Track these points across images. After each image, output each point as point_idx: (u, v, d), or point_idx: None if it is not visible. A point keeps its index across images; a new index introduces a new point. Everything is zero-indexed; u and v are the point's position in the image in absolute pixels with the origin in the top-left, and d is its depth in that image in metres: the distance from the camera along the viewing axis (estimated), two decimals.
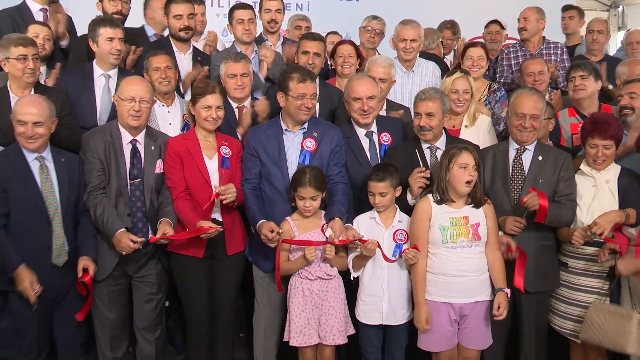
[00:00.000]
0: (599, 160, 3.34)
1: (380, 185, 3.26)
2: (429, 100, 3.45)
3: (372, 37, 4.95)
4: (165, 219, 3.36)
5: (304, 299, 3.32)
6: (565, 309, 3.46)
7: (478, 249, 3.24)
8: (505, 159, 3.50)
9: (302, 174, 3.28)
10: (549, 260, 3.47)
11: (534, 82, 4.23)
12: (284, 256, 3.34)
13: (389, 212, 3.35)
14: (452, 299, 3.22)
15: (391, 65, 4.00)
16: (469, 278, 3.21)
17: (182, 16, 4.23)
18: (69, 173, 3.28)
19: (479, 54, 4.33)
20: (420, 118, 3.46)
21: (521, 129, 3.42)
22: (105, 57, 3.87)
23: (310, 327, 3.31)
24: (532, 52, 5.09)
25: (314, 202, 3.28)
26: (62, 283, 3.26)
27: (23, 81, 3.58)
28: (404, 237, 3.29)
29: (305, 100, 3.37)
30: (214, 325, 3.58)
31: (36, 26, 4.10)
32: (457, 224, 3.20)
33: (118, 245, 3.24)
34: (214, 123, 3.43)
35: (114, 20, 3.99)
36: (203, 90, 3.42)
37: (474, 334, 3.26)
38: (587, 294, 3.38)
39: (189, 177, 3.42)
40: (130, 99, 3.33)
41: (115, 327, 3.49)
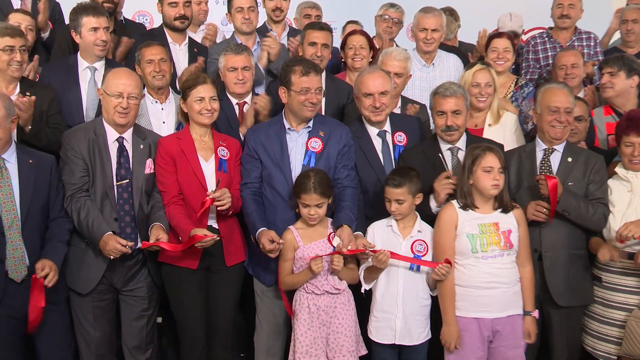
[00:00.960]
0: (635, 160, 3.28)
1: (397, 192, 3.18)
2: (454, 96, 3.40)
3: (390, 27, 4.88)
4: (158, 223, 3.29)
5: (310, 315, 3.24)
6: (598, 329, 3.39)
7: (510, 257, 3.19)
8: (531, 161, 3.46)
9: (305, 178, 3.22)
10: (582, 272, 3.42)
11: (566, 75, 4.16)
12: (288, 268, 3.29)
13: (408, 221, 3.27)
14: (483, 314, 3.16)
15: (407, 59, 3.96)
16: (502, 290, 3.15)
17: (177, 4, 4.18)
18: (35, 176, 3.15)
19: (504, 45, 4.26)
20: (446, 117, 3.40)
21: (555, 124, 3.38)
22: (89, 49, 3.82)
23: (318, 346, 3.24)
24: (563, 43, 4.93)
25: (319, 210, 3.22)
26: (26, 301, 3.10)
27: (8, 74, 3.51)
28: (424, 249, 3.22)
29: (310, 95, 3.32)
30: (211, 344, 3.48)
31: (18, 15, 4.11)
32: (487, 231, 3.15)
33: (105, 248, 3.14)
34: (210, 116, 3.36)
35: (98, 7, 3.93)
36: (193, 82, 3.35)
37: (507, 352, 3.19)
38: (624, 312, 3.30)
39: (182, 181, 3.34)
40: (118, 95, 3.25)
41: (102, 346, 3.39)
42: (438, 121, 3.45)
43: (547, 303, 3.35)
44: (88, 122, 3.49)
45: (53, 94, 3.67)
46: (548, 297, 3.33)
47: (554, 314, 3.39)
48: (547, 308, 3.38)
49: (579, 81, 4.22)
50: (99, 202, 3.26)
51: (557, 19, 4.94)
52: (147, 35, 4.34)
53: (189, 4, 4.26)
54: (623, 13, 5.09)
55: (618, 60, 3.95)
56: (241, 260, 3.49)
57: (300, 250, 3.24)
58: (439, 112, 3.43)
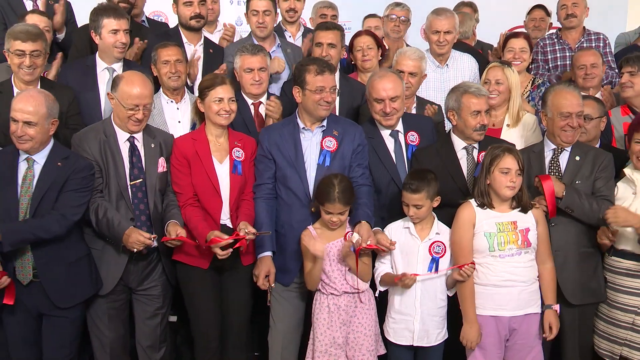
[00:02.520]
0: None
1: (415, 197, 3.20)
2: (485, 96, 3.45)
3: (397, 26, 4.86)
4: (174, 220, 3.30)
5: (330, 315, 3.27)
6: (604, 328, 3.43)
7: (528, 256, 3.20)
8: (540, 161, 3.47)
9: (329, 187, 3.19)
10: (592, 269, 3.43)
11: (586, 75, 4.16)
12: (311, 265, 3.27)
13: (426, 223, 3.29)
14: (500, 312, 3.19)
15: (422, 58, 3.96)
16: (519, 288, 3.18)
17: (192, 3, 4.20)
18: (55, 179, 3.13)
19: (521, 45, 4.29)
20: (481, 116, 3.41)
21: (567, 129, 3.38)
22: (108, 51, 3.83)
23: (337, 346, 3.26)
24: (572, 45, 4.93)
25: (341, 217, 3.24)
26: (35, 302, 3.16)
27: (21, 78, 3.56)
28: (442, 251, 3.23)
29: (324, 94, 3.32)
30: (225, 343, 3.51)
31: (34, 16, 4.12)
32: (504, 229, 3.17)
33: (128, 242, 3.16)
34: (228, 117, 3.35)
35: (119, 9, 3.94)
36: (212, 82, 3.34)
37: (523, 350, 3.23)
38: (625, 313, 3.33)
39: (196, 183, 3.36)
40: (133, 107, 3.25)
41: (116, 346, 3.42)
42: (471, 121, 3.41)
43: (560, 302, 3.33)
44: (97, 123, 3.47)
45: (72, 95, 3.68)
46: (560, 296, 3.32)
47: (565, 313, 3.38)
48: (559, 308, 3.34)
49: (598, 81, 4.22)
50: (115, 203, 3.28)
51: (564, 20, 4.95)
52: (163, 35, 4.33)
53: (204, 2, 4.27)
54: None
55: (638, 59, 3.92)
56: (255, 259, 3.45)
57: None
58: (475, 111, 3.40)
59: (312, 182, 3.37)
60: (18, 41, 3.50)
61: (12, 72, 3.66)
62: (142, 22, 4.73)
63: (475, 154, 3.48)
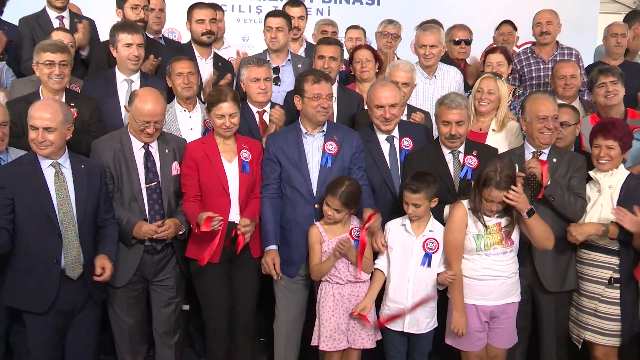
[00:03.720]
0: (601, 160, 3.31)
1: (415, 197, 3.19)
2: (458, 108, 3.42)
3: (389, 42, 4.88)
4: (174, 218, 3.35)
5: (335, 303, 3.27)
6: (574, 314, 3.46)
7: (512, 254, 3.23)
8: (521, 162, 3.44)
9: (338, 184, 3.22)
10: (567, 260, 3.43)
11: (565, 85, 4.14)
12: (316, 259, 3.28)
13: (422, 220, 3.27)
14: (482, 302, 3.22)
15: (413, 70, 3.97)
16: (500, 281, 3.20)
17: (204, 20, 4.19)
18: (88, 181, 3.11)
19: (497, 59, 4.28)
20: (451, 127, 3.42)
21: (544, 131, 3.40)
22: (124, 63, 3.85)
23: (340, 331, 3.27)
24: (545, 58, 4.89)
25: (336, 214, 3.22)
26: (77, 297, 3.09)
27: (49, 87, 3.56)
28: (435, 247, 3.21)
29: (321, 100, 3.33)
30: (234, 330, 3.51)
31: (60, 33, 4.11)
32: (490, 231, 3.19)
33: (139, 234, 3.20)
34: (228, 131, 3.36)
35: (134, 25, 3.94)
36: (216, 98, 3.34)
37: (503, 334, 3.26)
38: (589, 300, 3.36)
39: (206, 182, 3.36)
40: (145, 123, 3.25)
41: (135, 332, 3.43)
42: (443, 129, 3.46)
43: (537, 289, 3.38)
44: (115, 132, 3.46)
45: (95, 104, 3.71)
46: (538, 284, 3.36)
47: (543, 300, 3.42)
48: (537, 294, 3.41)
49: (575, 91, 4.18)
50: (128, 205, 3.29)
51: (538, 36, 4.90)
52: (177, 50, 4.33)
53: (215, 20, 4.26)
54: (611, 28, 5.03)
55: (616, 70, 3.93)
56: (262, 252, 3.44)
57: (325, 244, 3.25)
58: (445, 121, 3.43)
59: (314, 181, 3.37)
60: (48, 53, 3.52)
61: (39, 85, 3.66)
62: (159, 39, 4.73)
63: (460, 158, 3.48)
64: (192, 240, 3.39)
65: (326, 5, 6.83)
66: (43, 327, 3.02)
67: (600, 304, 3.30)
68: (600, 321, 3.30)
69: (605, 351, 3.33)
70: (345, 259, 3.26)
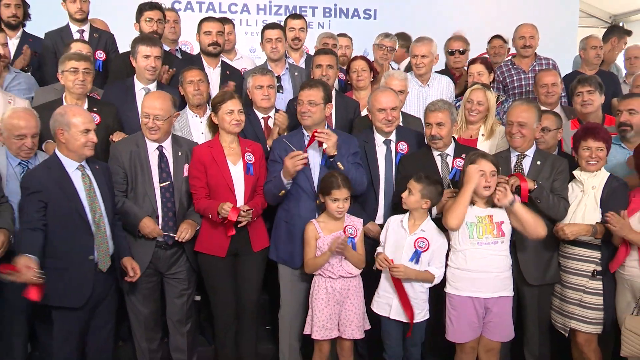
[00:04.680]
0: (592, 161, 3.30)
1: (413, 183, 3.19)
2: (438, 111, 3.43)
3: (385, 54, 4.90)
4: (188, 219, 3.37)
5: (327, 296, 3.26)
6: (559, 305, 3.45)
7: (503, 245, 3.20)
8: (507, 164, 3.46)
9: (332, 178, 3.22)
10: (549, 256, 3.43)
11: (548, 93, 4.13)
12: (311, 253, 3.28)
13: (418, 220, 3.25)
14: (477, 294, 3.19)
15: (406, 78, 3.99)
16: (494, 274, 3.18)
17: (211, 32, 4.21)
18: (105, 179, 3.14)
19: (478, 70, 4.26)
20: (432, 128, 3.45)
21: (510, 135, 3.44)
22: (142, 73, 3.87)
23: (332, 322, 3.27)
24: (525, 69, 4.89)
25: (346, 204, 3.22)
26: (104, 288, 3.10)
27: (73, 92, 3.60)
28: (425, 246, 3.18)
29: (303, 105, 3.38)
30: (240, 319, 3.52)
31: (78, 44, 4.13)
32: (482, 221, 3.17)
33: (144, 230, 3.21)
34: (238, 124, 3.37)
35: (153, 38, 3.95)
36: (222, 98, 3.37)
37: (497, 327, 3.23)
38: (574, 292, 3.36)
39: (213, 183, 3.36)
40: (145, 115, 3.28)
41: (150, 321, 3.45)
42: (427, 131, 3.50)
43: (521, 282, 3.38)
44: (132, 135, 3.47)
45: (115, 110, 3.74)
46: (522, 278, 3.36)
47: (526, 291, 3.43)
48: (521, 287, 3.40)
49: (557, 98, 4.19)
50: (141, 204, 3.29)
51: (521, 48, 4.89)
52: (188, 61, 4.36)
53: (221, 33, 4.27)
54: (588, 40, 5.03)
55: (593, 80, 3.92)
56: (265, 246, 3.49)
57: (321, 240, 3.25)
58: (427, 123, 3.48)
59: (316, 179, 3.38)
60: (72, 61, 3.58)
61: (61, 93, 3.70)
62: (176, 51, 4.74)
63: (449, 160, 3.49)
64: (202, 235, 3.40)
65: (327, 20, 6.92)
66: (74, 321, 3.01)
67: (584, 295, 3.31)
68: (585, 311, 3.31)
69: (588, 337, 3.34)
70: (339, 259, 3.27)
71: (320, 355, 3.35)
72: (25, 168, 3.24)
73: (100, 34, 4.62)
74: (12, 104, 3.56)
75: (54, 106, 3.43)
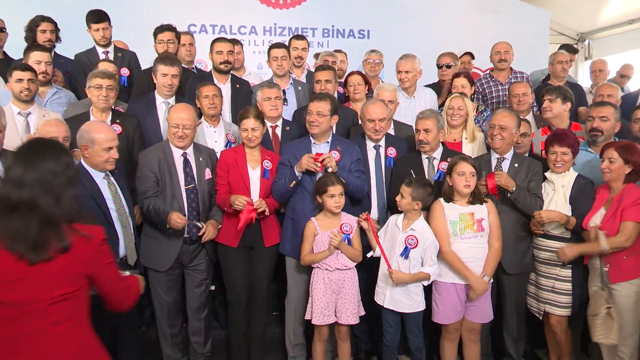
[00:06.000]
0: (557, 164, 3.34)
1: (405, 189, 3.21)
2: (426, 118, 3.47)
3: (373, 67, 4.91)
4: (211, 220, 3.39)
5: (325, 286, 3.28)
6: (534, 291, 3.48)
7: (482, 239, 3.22)
8: (488, 166, 3.48)
9: (326, 178, 3.26)
10: (525, 248, 3.46)
11: (519, 102, 4.17)
12: (308, 249, 3.29)
13: (410, 219, 3.24)
14: (458, 280, 3.21)
15: (395, 90, 4.01)
16: (474, 263, 3.19)
17: (222, 52, 4.21)
18: (124, 184, 3.11)
19: (461, 83, 4.31)
20: (419, 133, 3.48)
21: (492, 137, 3.46)
22: (160, 89, 3.90)
23: (329, 309, 3.28)
24: (502, 81, 4.91)
25: (341, 198, 3.24)
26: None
27: (97, 106, 3.63)
28: (413, 243, 3.18)
29: (311, 115, 3.40)
30: (251, 305, 3.54)
31: (105, 63, 4.19)
32: (464, 219, 3.20)
33: (170, 222, 3.17)
34: (250, 142, 3.40)
35: (172, 59, 3.97)
36: (242, 116, 3.42)
37: (478, 310, 3.27)
38: (547, 279, 3.39)
39: (233, 182, 3.41)
40: (175, 125, 3.29)
41: (172, 308, 3.46)
42: (415, 136, 3.54)
43: (501, 271, 3.40)
44: (158, 144, 3.48)
45: (136, 121, 3.76)
46: (501, 267, 3.37)
47: (505, 279, 3.47)
48: (500, 276, 3.43)
49: (528, 106, 4.21)
50: (170, 203, 3.28)
51: (497, 63, 4.94)
52: (201, 77, 4.34)
53: (232, 52, 4.27)
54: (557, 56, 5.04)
55: (556, 90, 3.93)
56: (276, 242, 3.50)
57: (319, 236, 3.27)
58: (416, 130, 3.51)
59: None
60: (98, 78, 3.60)
61: (89, 107, 3.71)
62: (193, 69, 4.74)
63: (435, 163, 3.51)
64: (222, 228, 3.42)
65: (326, 39, 6.99)
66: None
67: (556, 282, 3.35)
68: (557, 296, 3.35)
69: (559, 320, 3.38)
70: (336, 254, 3.27)
71: (319, 338, 3.39)
72: None
73: (123, 53, 4.65)
74: (46, 117, 3.57)
75: (82, 118, 3.51)
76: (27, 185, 1.73)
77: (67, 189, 1.80)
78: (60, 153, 1.84)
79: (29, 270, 1.73)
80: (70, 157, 1.90)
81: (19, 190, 1.72)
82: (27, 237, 1.71)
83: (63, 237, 1.75)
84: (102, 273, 1.88)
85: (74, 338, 1.80)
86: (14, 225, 1.71)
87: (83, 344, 1.82)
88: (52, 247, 1.74)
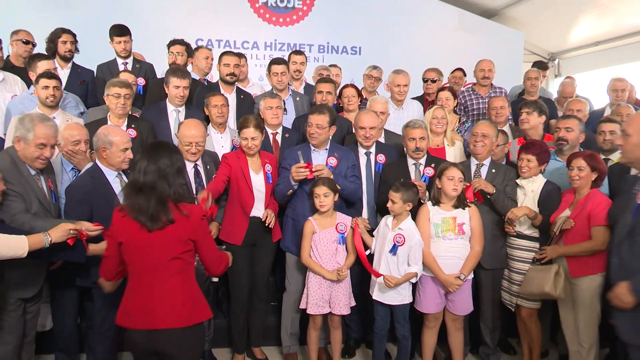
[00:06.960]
0: (523, 169, 3.39)
1: (393, 194, 3.21)
2: (419, 128, 3.51)
3: (373, 83, 4.92)
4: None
5: (320, 280, 3.31)
6: (507, 285, 3.50)
7: (463, 241, 3.24)
8: (468, 172, 3.51)
9: (317, 180, 3.28)
10: (500, 246, 3.49)
11: (497, 114, 4.21)
12: (307, 247, 3.29)
13: (399, 219, 3.25)
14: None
15: (386, 102, 4.07)
16: (454, 260, 3.22)
17: (229, 65, 4.23)
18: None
19: (446, 96, 4.35)
20: (416, 142, 3.48)
21: (474, 144, 3.51)
22: (172, 99, 3.92)
23: (323, 300, 3.31)
24: (483, 95, 4.93)
25: (326, 199, 3.21)
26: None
27: (115, 112, 3.65)
28: (401, 241, 3.19)
29: (311, 127, 3.42)
30: (252, 296, 3.56)
31: (125, 73, 4.23)
32: (446, 222, 3.22)
33: None
34: (250, 150, 3.36)
35: (183, 72, 3.97)
36: (242, 125, 3.37)
37: (459, 304, 3.30)
38: (518, 275, 3.41)
39: (239, 187, 3.36)
40: (189, 143, 3.27)
41: None
42: (410, 145, 3.51)
43: (478, 267, 3.38)
44: None
45: (150, 125, 3.78)
46: (478, 263, 3.34)
47: (482, 274, 3.48)
48: (478, 271, 3.42)
49: (505, 118, 4.24)
50: None
51: (481, 79, 4.95)
52: (208, 88, 4.35)
53: (238, 65, 4.28)
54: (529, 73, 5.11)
55: (533, 103, 3.97)
56: (279, 237, 3.51)
57: (317, 235, 3.28)
58: (411, 138, 3.49)
59: None
60: (116, 87, 3.62)
61: (107, 112, 3.72)
62: (204, 81, 4.74)
63: (420, 168, 3.53)
64: (224, 227, 3.42)
65: (321, 55, 7.06)
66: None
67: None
68: None
69: (529, 312, 3.42)
70: (333, 252, 3.27)
71: (314, 327, 3.42)
72: (77, 173, 3.22)
73: (141, 64, 4.67)
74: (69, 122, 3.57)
75: (100, 123, 3.51)
76: (149, 173, 2.18)
77: (177, 177, 2.22)
78: (172, 151, 2.26)
79: (152, 236, 2.18)
80: (180, 154, 2.31)
81: (144, 177, 2.18)
82: (147, 210, 2.17)
83: (168, 212, 2.19)
84: (204, 241, 2.29)
85: (185, 287, 2.23)
86: (140, 202, 2.18)
87: (191, 292, 2.27)
88: (162, 219, 2.18)
